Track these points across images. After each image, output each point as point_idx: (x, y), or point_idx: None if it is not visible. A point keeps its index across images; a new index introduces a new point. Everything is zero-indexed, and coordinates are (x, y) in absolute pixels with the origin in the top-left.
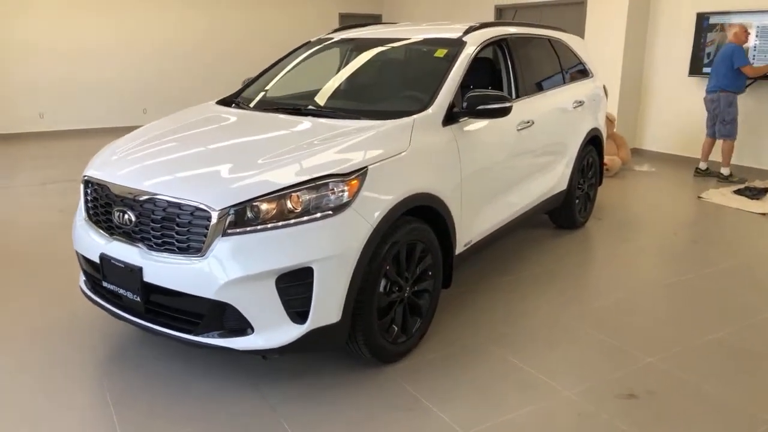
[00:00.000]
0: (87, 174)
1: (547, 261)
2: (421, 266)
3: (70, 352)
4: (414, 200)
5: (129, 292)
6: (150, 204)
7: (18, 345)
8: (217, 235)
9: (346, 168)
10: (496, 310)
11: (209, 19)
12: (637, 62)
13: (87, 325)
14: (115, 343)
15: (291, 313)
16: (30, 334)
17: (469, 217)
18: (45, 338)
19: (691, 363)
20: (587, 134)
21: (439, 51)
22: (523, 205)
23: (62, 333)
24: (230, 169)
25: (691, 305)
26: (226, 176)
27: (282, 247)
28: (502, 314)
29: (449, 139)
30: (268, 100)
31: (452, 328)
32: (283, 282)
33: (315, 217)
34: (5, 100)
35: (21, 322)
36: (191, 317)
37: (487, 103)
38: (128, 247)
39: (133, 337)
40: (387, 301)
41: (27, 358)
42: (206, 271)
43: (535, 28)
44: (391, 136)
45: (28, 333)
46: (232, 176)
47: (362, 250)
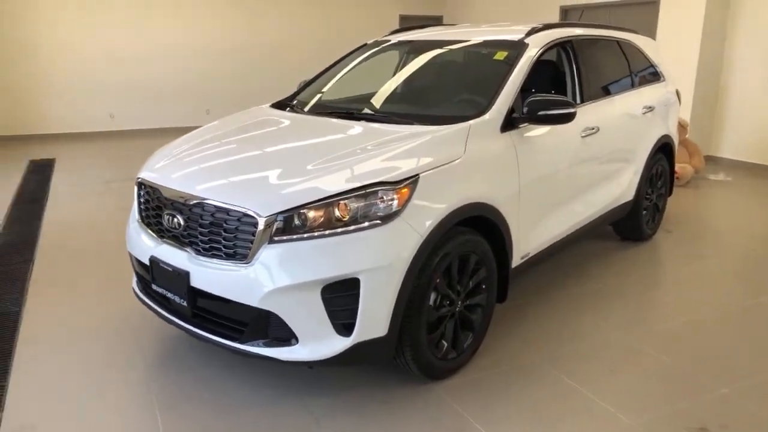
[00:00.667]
0: (141, 176)
1: (610, 276)
2: (474, 279)
3: (120, 354)
4: (468, 210)
5: (177, 296)
6: (198, 208)
7: (69, 344)
8: (264, 242)
9: (397, 176)
10: (553, 327)
11: (273, 22)
12: (714, 64)
13: (139, 326)
14: (165, 346)
15: (336, 325)
16: (82, 333)
17: (526, 229)
18: (96, 338)
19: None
20: (657, 141)
21: (499, 53)
22: (585, 217)
23: (114, 333)
24: (278, 175)
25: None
26: (274, 182)
27: (328, 256)
28: (559, 332)
29: (507, 146)
30: (323, 104)
31: (506, 345)
32: (329, 292)
33: (363, 227)
34: (78, 101)
35: (74, 320)
36: (237, 324)
37: (549, 108)
38: (177, 251)
39: (183, 341)
40: (437, 316)
41: (77, 357)
42: (251, 279)
43: (603, 29)
44: (445, 142)
45: (80, 332)
46: (280, 182)
47: (411, 261)
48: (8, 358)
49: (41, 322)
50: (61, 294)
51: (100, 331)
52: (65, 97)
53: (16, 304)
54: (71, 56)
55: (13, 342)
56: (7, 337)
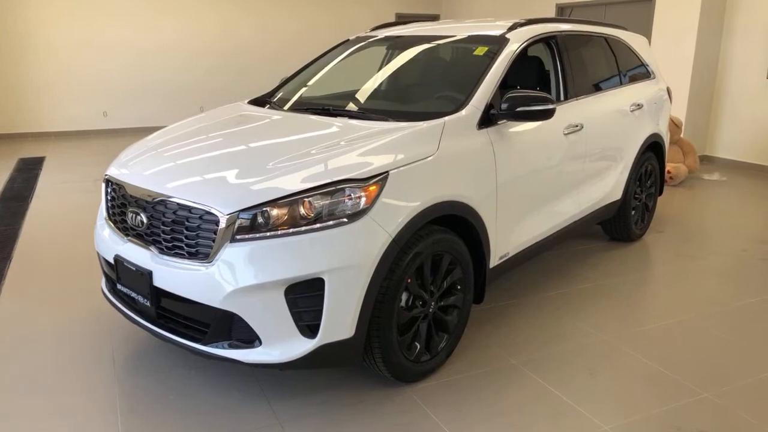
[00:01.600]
0: (108, 173)
1: (597, 276)
2: (448, 280)
3: (87, 355)
4: (441, 208)
5: (140, 296)
6: (161, 206)
7: (36, 343)
8: (225, 241)
9: (365, 172)
10: (533, 329)
11: (266, 19)
12: (710, 63)
13: (109, 327)
14: (134, 348)
15: (301, 326)
16: (51, 333)
17: (505, 228)
18: (65, 338)
19: (754, 401)
20: (646, 140)
21: (479, 49)
22: (570, 216)
23: (84, 334)
24: (242, 172)
25: (759, 333)
26: (237, 180)
27: (292, 255)
28: (539, 334)
29: (484, 142)
30: (301, 101)
31: (484, 347)
32: (293, 293)
33: (328, 225)
34: (71, 98)
35: (44, 320)
36: (200, 326)
37: (527, 104)
38: (141, 250)
39: (153, 343)
40: (409, 317)
41: (44, 356)
42: (213, 278)
43: (591, 25)
44: (418, 139)
45: (49, 332)
46: (243, 180)
47: (379, 261)
48: None
49: (10, 322)
50: (33, 293)
51: (69, 331)
52: (58, 94)
53: None
54: (64, 53)
55: None
56: None
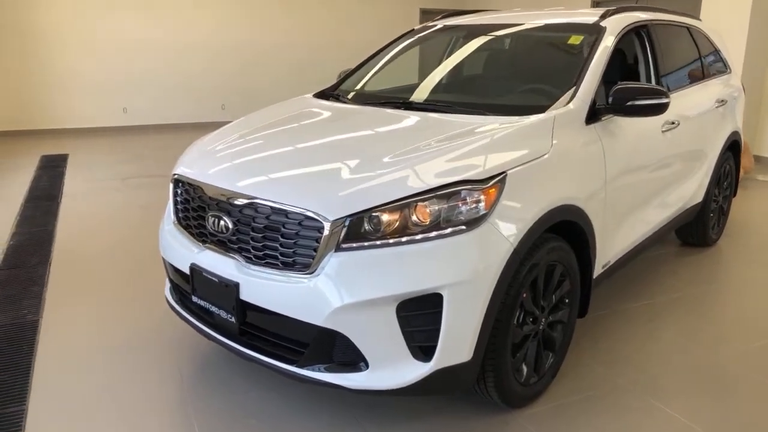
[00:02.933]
0: (177, 172)
1: (682, 285)
2: (558, 293)
3: (152, 371)
4: (558, 213)
5: (222, 311)
6: (250, 209)
7: (94, 358)
8: (330, 250)
9: (482, 173)
10: (632, 344)
11: (288, 16)
12: (761, 57)
13: (172, 339)
14: (204, 363)
15: (413, 348)
16: (107, 346)
17: (609, 234)
18: (124, 352)
19: None
20: (728, 138)
21: (574, 38)
22: (662, 220)
23: (144, 347)
24: (344, 171)
25: None
26: (341, 180)
27: (407, 267)
28: (640, 350)
29: (593, 139)
30: (372, 94)
31: (587, 365)
32: (406, 310)
33: (445, 233)
34: (91, 94)
35: (98, 331)
36: (295, 345)
37: (639, 98)
38: (223, 259)
39: (225, 357)
40: (521, 336)
41: (103, 374)
42: (315, 292)
43: (671, 14)
44: (530, 134)
45: (105, 345)
46: (347, 180)
47: (500, 274)
48: (27, 375)
49: (62, 334)
50: (82, 301)
51: (128, 344)
52: (77, 90)
53: (34, 313)
54: (83, 48)
55: (32, 357)
56: (26, 352)
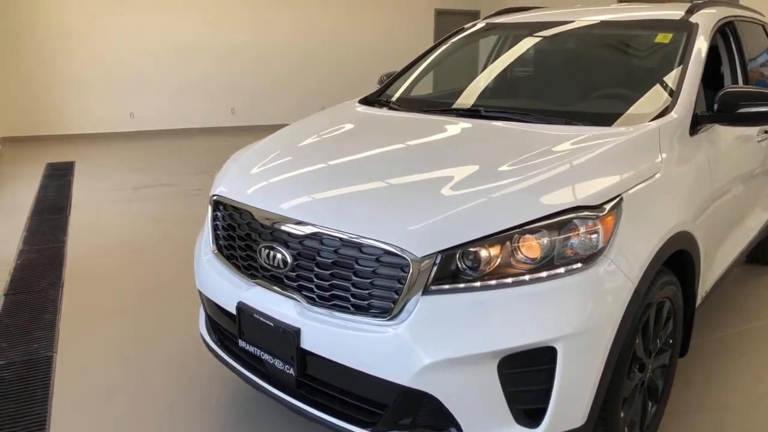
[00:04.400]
0: (217, 192)
1: (765, 311)
2: (663, 333)
3: (180, 413)
4: (676, 242)
5: (277, 360)
6: (314, 241)
7: (114, 399)
8: (417, 292)
9: (595, 197)
10: (734, 385)
11: (298, 19)
12: None
13: (202, 377)
14: (239, 408)
15: (517, 412)
16: (130, 384)
17: (712, 258)
18: (148, 391)
19: None
20: None
21: (662, 35)
22: (751, 238)
23: (170, 386)
24: (430, 194)
25: None
26: (428, 205)
27: (512, 315)
28: (745, 394)
29: (698, 153)
30: (426, 100)
31: (687, 415)
32: (510, 367)
33: (558, 273)
34: (96, 99)
35: (118, 368)
36: (368, 405)
37: (751, 104)
38: (280, 298)
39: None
40: (630, 388)
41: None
42: (399, 344)
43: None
44: (637, 149)
45: (127, 383)
46: (436, 206)
47: (621, 319)
48: (43, 424)
49: (79, 371)
50: (99, 331)
51: (151, 382)
52: (83, 95)
53: (48, 347)
54: (89, 52)
55: (47, 400)
56: (40, 395)
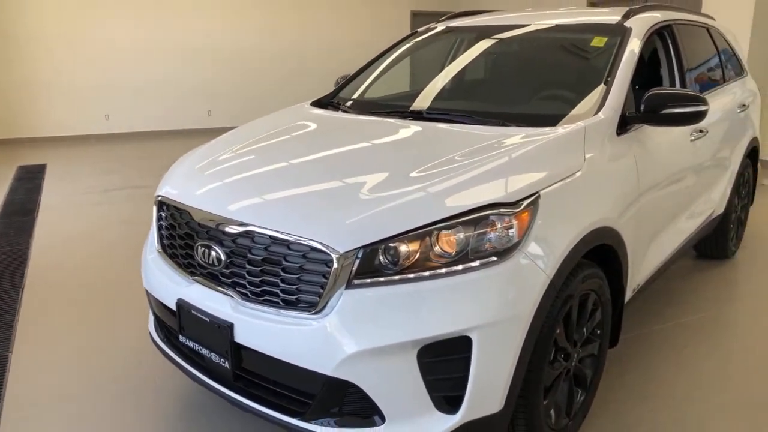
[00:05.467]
0: (161, 193)
1: (705, 305)
2: (590, 324)
3: (132, 413)
4: (595, 237)
5: (214, 354)
6: (246, 239)
7: (68, 399)
8: (340, 287)
9: (512, 194)
10: (667, 373)
11: (273, 20)
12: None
13: (155, 377)
14: (189, 407)
15: (437, 399)
16: (83, 384)
17: (641, 255)
18: (102, 392)
19: None
20: (749, 144)
21: (597, 39)
22: (689, 234)
23: (123, 386)
24: (355, 193)
25: None
26: (352, 204)
27: (430, 306)
28: (674, 383)
29: (625, 152)
30: (374, 102)
31: (618, 403)
32: (429, 356)
33: (473, 266)
34: (71, 101)
35: (73, 367)
36: (298, 395)
37: (674, 105)
38: (215, 295)
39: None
40: (553, 376)
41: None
42: (323, 336)
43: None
44: (560, 148)
45: (81, 383)
46: (359, 204)
47: (536, 310)
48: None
49: (34, 371)
50: (56, 331)
51: (105, 382)
52: (57, 97)
53: (4, 347)
54: (63, 54)
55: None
56: None
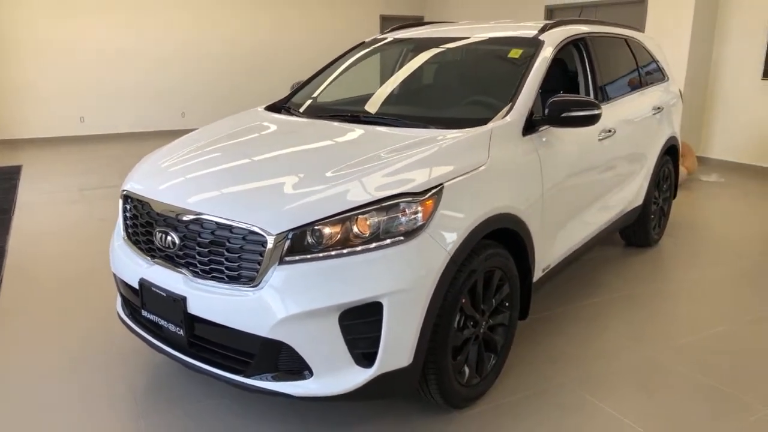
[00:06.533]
0: (126, 188)
1: (623, 285)
2: (497, 297)
3: (104, 387)
4: (495, 222)
5: (171, 324)
6: (196, 225)
7: (44, 377)
8: (273, 263)
9: (419, 185)
10: (576, 343)
11: (249, 24)
12: (703, 64)
13: (125, 355)
14: (153, 377)
15: (356, 355)
16: (58, 364)
17: (548, 239)
18: (76, 370)
19: None
20: (665, 143)
21: (514, 51)
22: (601, 223)
23: (96, 364)
24: (287, 186)
25: None
26: (283, 194)
27: (348, 278)
28: (583, 349)
29: (530, 150)
30: (322, 106)
31: (530, 366)
32: (348, 319)
33: (384, 244)
34: (47, 103)
35: (49, 348)
36: (241, 356)
37: (573, 109)
38: (171, 273)
39: (178, 371)
40: (461, 339)
41: (54, 392)
42: (259, 305)
43: (611, 26)
44: (468, 147)
45: (56, 363)
46: (289, 194)
47: (438, 281)
48: None
49: (10, 355)
50: (33, 320)
51: (79, 362)
52: (32, 100)
53: None
54: (38, 56)
55: None
56: None
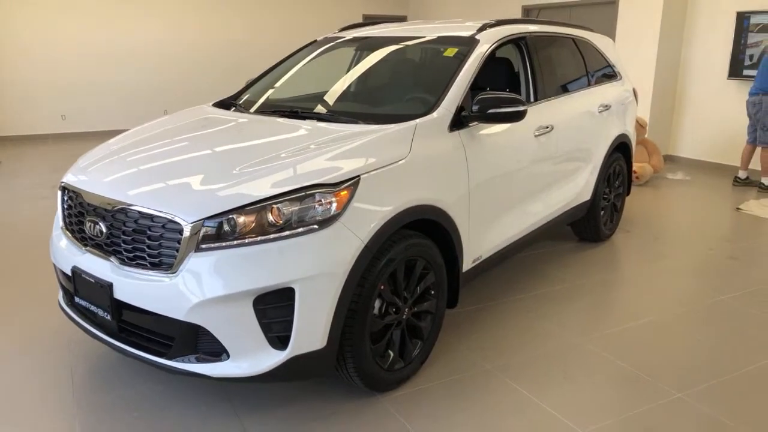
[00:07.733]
0: (64, 180)
1: (568, 278)
2: (422, 285)
3: (45, 373)
4: (414, 213)
5: (100, 309)
6: (121, 215)
7: None
8: (190, 251)
9: (336, 177)
10: (508, 332)
11: (233, 22)
12: (671, 64)
13: (67, 342)
14: (93, 363)
15: (271, 338)
16: (5, 351)
17: (478, 231)
18: (20, 356)
19: (728, 401)
20: (614, 140)
21: (449, 50)
22: (541, 218)
23: (40, 351)
24: (207, 178)
25: (730, 331)
26: (202, 186)
27: (261, 264)
28: (513, 338)
29: (456, 145)
30: (268, 103)
31: (458, 353)
32: (262, 303)
33: (297, 232)
34: (28, 101)
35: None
36: (164, 339)
37: (498, 106)
38: (100, 261)
39: (114, 358)
40: (382, 325)
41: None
42: (177, 290)
43: (559, 26)
44: (389, 141)
45: (3, 350)
46: (207, 186)
47: (352, 268)
48: None
49: None
50: None
51: (23, 348)
52: (13, 97)
53: None
54: (19, 54)
55: None
56: None
